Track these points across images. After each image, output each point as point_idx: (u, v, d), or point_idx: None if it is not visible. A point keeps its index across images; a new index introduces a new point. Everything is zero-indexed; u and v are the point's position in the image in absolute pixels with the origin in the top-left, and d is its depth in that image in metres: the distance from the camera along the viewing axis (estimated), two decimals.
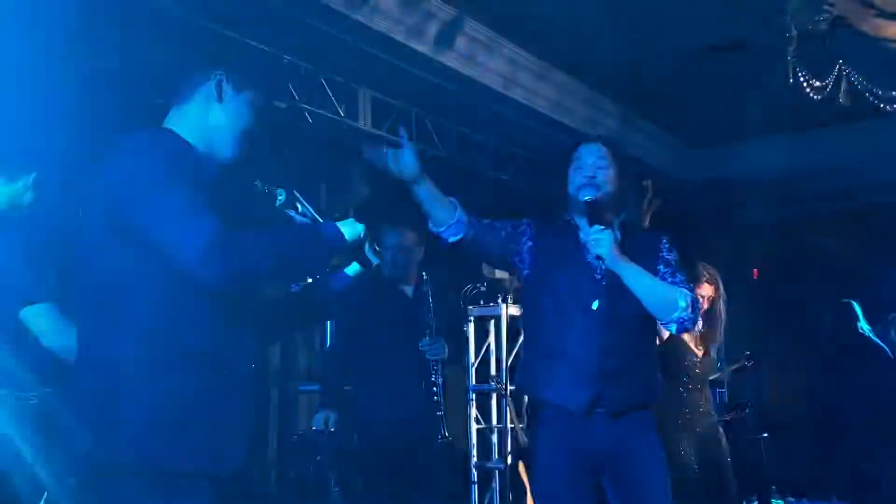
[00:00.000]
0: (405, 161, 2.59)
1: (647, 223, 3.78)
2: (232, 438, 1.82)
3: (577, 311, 2.71)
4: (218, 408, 1.80)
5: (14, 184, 2.85)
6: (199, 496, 1.74)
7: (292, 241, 1.88)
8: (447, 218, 2.70)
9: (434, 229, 2.75)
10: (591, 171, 2.77)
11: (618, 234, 2.79)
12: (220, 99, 1.95)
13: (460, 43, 5.42)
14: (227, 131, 1.96)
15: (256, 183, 2.09)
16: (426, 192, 2.67)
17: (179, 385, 1.76)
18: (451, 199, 2.75)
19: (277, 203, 2.07)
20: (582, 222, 2.79)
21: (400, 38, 5.06)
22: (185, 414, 1.75)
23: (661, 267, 2.78)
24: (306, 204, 2.11)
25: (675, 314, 2.68)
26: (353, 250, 2.03)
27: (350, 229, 1.98)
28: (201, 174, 1.86)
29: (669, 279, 2.76)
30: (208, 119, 1.95)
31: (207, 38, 4.51)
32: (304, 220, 2.11)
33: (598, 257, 2.68)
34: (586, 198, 2.70)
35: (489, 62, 5.69)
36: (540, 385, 2.76)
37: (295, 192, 2.13)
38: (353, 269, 2.15)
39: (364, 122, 5.52)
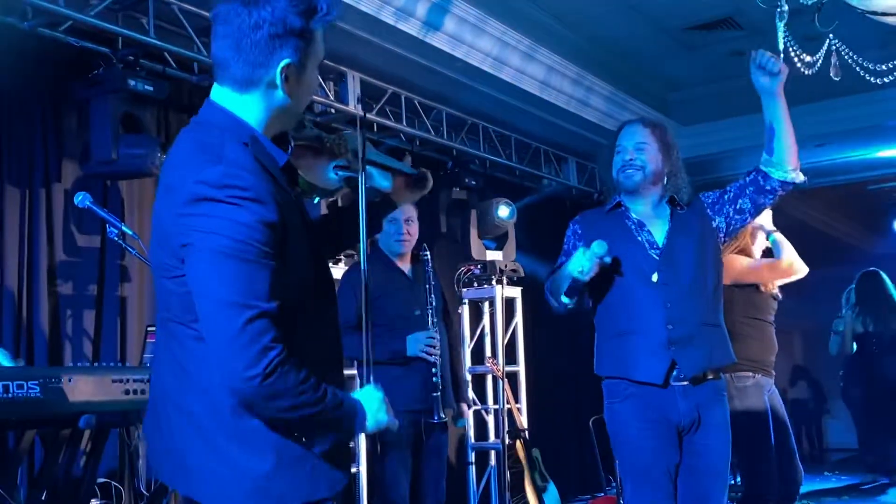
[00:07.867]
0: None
1: None
2: (339, 460, 1.79)
3: (639, 286, 2.82)
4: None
5: None
6: None
7: (332, 412, 1.70)
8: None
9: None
10: (631, 153, 2.90)
11: (668, 207, 2.94)
12: (286, 87, 1.79)
13: (449, 24, 5.39)
14: (290, 116, 1.87)
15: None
16: None
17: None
18: None
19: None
20: (632, 203, 2.93)
21: (388, 19, 5.03)
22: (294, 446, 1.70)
23: (726, 195, 2.97)
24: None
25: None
26: None
27: (374, 418, 1.79)
28: (270, 188, 1.69)
29: (735, 189, 2.97)
30: (273, 106, 1.81)
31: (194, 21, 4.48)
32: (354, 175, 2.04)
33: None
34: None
35: (478, 43, 5.67)
36: (617, 364, 2.85)
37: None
38: None
39: (354, 105, 5.50)
